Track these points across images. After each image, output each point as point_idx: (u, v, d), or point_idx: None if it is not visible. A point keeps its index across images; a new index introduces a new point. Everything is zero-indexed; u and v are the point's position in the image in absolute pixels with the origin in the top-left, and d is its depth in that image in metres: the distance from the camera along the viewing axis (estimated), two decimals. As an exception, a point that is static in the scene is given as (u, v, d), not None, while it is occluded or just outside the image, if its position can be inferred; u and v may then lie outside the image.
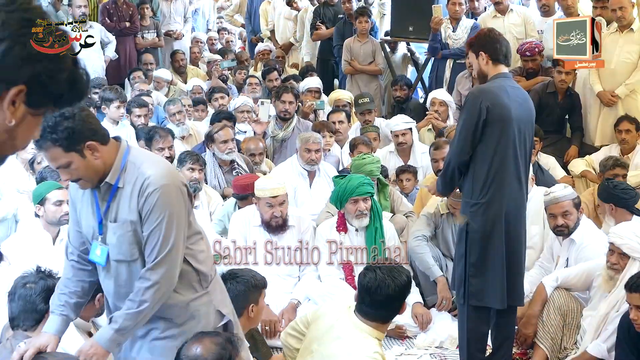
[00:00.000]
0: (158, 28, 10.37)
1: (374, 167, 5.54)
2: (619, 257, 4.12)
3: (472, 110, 3.90)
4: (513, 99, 3.96)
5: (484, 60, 3.99)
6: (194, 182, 5.50)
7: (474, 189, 3.96)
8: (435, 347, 4.82)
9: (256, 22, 11.58)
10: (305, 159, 6.03)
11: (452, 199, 5.07)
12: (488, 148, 3.90)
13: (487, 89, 3.96)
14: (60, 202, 4.68)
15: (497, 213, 3.97)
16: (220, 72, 9.54)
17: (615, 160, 5.96)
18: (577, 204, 4.77)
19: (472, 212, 3.98)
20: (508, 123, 3.91)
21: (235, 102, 7.60)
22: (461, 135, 3.93)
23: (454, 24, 8.21)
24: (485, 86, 3.99)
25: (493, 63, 4.00)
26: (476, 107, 3.87)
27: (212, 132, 6.19)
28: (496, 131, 3.88)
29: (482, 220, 3.96)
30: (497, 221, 3.97)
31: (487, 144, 3.90)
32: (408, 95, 8.55)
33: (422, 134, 7.41)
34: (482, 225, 3.96)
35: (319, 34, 9.88)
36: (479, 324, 4.16)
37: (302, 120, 7.06)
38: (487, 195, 3.93)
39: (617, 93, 6.76)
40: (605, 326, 4.10)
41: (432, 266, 5.17)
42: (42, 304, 3.29)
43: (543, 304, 4.45)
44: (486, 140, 3.89)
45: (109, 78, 8.86)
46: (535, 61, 7.52)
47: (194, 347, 2.94)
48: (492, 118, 3.85)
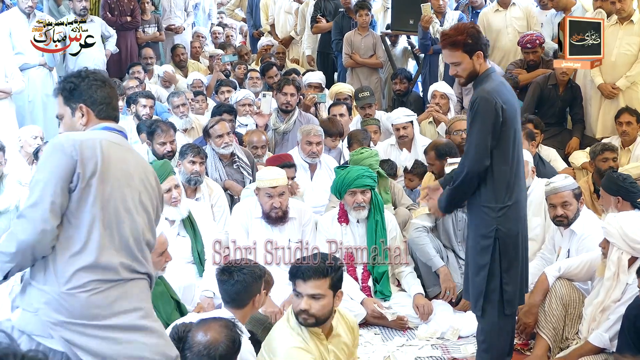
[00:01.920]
0: (159, 22, 10.37)
1: (372, 160, 5.54)
2: (606, 242, 4.15)
3: (488, 113, 3.71)
4: (511, 93, 3.92)
5: (479, 59, 3.85)
6: (194, 175, 5.51)
7: (496, 193, 3.78)
8: (437, 338, 4.82)
9: (257, 16, 11.57)
10: (307, 151, 6.04)
11: None
12: (507, 148, 3.77)
13: (495, 89, 3.78)
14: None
15: (524, 212, 3.92)
16: (222, 66, 9.53)
17: (603, 145, 6.01)
18: (577, 195, 4.77)
19: (501, 217, 3.79)
20: (516, 119, 3.85)
21: (237, 96, 7.60)
22: (480, 142, 3.73)
23: (439, 18, 8.25)
24: (490, 86, 3.79)
25: (484, 60, 3.90)
26: (492, 110, 3.70)
27: (207, 127, 6.20)
28: (510, 130, 3.77)
29: (514, 223, 3.84)
30: (524, 220, 3.92)
31: (505, 144, 3.76)
32: (408, 88, 8.57)
33: (423, 127, 7.41)
34: (513, 227, 3.83)
35: (319, 27, 9.88)
36: (511, 331, 4.11)
37: (304, 113, 7.06)
38: (513, 196, 3.81)
39: (618, 85, 6.77)
40: (607, 315, 4.11)
41: (434, 257, 5.18)
42: None
43: (545, 293, 4.45)
44: (504, 141, 3.76)
45: (109, 72, 8.83)
46: (536, 53, 7.53)
47: (202, 333, 2.95)
48: (506, 117, 3.74)
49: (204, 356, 2.94)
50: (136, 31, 10.01)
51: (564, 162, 6.58)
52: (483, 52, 3.85)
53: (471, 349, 4.66)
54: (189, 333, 3.03)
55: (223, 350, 2.94)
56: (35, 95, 7.47)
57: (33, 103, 7.45)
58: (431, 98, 7.48)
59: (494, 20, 8.21)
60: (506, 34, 8.14)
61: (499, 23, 8.19)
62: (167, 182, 5.04)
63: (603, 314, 4.14)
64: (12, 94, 6.85)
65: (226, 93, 8.00)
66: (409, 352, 4.65)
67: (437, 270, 5.19)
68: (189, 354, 2.97)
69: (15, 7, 7.63)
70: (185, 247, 5.07)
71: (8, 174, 5.68)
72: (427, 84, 8.25)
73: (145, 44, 9.98)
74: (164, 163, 5.23)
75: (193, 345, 2.97)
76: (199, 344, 2.95)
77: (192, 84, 8.75)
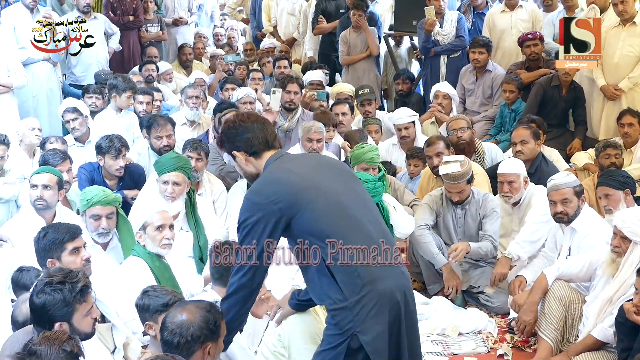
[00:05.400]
0: (161, 22, 10.39)
1: (373, 154, 5.52)
2: (621, 241, 4.11)
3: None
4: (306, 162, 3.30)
5: (242, 158, 3.18)
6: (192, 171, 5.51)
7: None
8: (437, 334, 4.81)
9: (261, 17, 11.58)
10: (307, 148, 6.04)
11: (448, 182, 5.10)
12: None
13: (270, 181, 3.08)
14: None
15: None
16: (225, 66, 9.53)
17: (605, 142, 6.02)
18: (578, 192, 4.76)
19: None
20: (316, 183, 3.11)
21: (238, 93, 7.59)
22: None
23: (439, 19, 8.25)
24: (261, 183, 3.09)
25: (255, 156, 3.17)
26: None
27: (220, 115, 6.27)
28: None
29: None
30: None
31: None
32: (411, 88, 8.59)
33: (425, 127, 7.42)
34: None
35: (321, 28, 9.87)
36: None
37: (307, 112, 7.05)
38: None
39: (621, 87, 6.76)
40: (611, 310, 4.09)
41: (437, 255, 5.16)
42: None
43: (543, 292, 4.43)
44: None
45: (112, 70, 8.86)
46: (537, 46, 7.52)
47: (178, 314, 2.96)
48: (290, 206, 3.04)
49: (175, 335, 2.94)
50: (139, 30, 10.02)
51: (565, 163, 6.57)
52: (246, 151, 3.18)
53: (471, 345, 4.67)
54: (167, 315, 3.03)
55: (195, 330, 2.92)
56: (40, 90, 7.47)
57: (37, 98, 7.45)
58: (434, 98, 7.50)
59: (500, 20, 8.22)
60: (510, 35, 8.15)
61: (504, 24, 8.20)
62: (169, 176, 5.05)
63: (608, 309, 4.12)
64: (13, 88, 6.85)
65: (230, 90, 8.00)
66: (409, 348, 4.63)
67: (440, 268, 5.18)
68: (164, 333, 2.97)
69: (19, 3, 7.64)
70: (188, 242, 5.07)
71: (11, 169, 5.68)
72: (428, 85, 8.25)
73: (149, 43, 9.99)
74: (179, 157, 5.25)
75: (168, 324, 2.98)
76: (172, 323, 2.96)
77: (194, 82, 8.74)
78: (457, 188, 5.18)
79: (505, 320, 5.00)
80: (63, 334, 2.85)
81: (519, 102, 7.39)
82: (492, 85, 7.81)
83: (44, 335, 2.80)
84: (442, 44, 8.31)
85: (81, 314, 3.11)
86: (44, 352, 2.73)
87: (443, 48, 8.31)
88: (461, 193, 5.21)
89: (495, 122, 7.60)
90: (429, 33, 8.17)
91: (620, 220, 4.11)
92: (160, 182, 5.09)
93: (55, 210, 4.87)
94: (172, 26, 10.79)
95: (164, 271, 4.26)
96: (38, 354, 2.74)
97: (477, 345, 4.68)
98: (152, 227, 4.29)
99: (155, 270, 4.21)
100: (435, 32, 8.24)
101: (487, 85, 7.84)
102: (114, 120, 6.88)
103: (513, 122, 7.23)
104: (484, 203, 5.27)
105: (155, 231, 4.28)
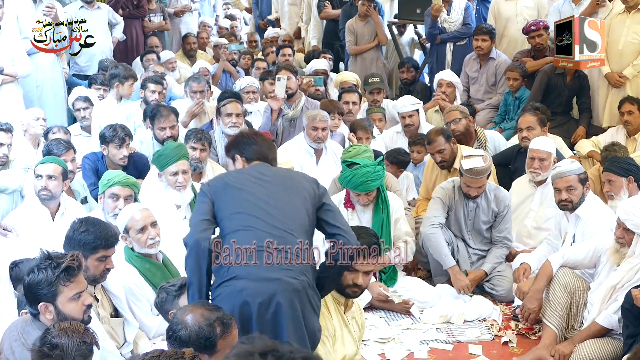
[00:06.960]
0: (164, 12, 10.38)
1: (366, 155, 5.25)
2: (624, 232, 4.11)
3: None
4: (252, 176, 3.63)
5: (241, 162, 3.69)
6: (194, 161, 5.52)
7: None
8: (442, 322, 4.82)
9: (263, 6, 11.57)
10: (312, 136, 6.02)
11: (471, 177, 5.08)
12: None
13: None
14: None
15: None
16: (229, 55, 9.51)
17: (611, 144, 5.82)
18: (582, 180, 4.76)
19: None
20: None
21: (241, 83, 7.59)
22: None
23: (447, 7, 8.23)
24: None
25: (249, 162, 3.67)
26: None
27: (219, 105, 6.24)
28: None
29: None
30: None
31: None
32: (415, 77, 8.57)
33: (429, 115, 7.40)
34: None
35: (328, 12, 9.86)
36: None
37: (311, 100, 7.03)
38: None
39: (625, 74, 6.74)
40: (615, 297, 4.09)
41: (445, 256, 5.14)
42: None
43: (548, 280, 4.43)
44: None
45: (116, 60, 8.85)
46: (542, 36, 7.48)
47: (186, 312, 2.95)
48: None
49: (168, 330, 2.95)
50: (143, 20, 10.02)
51: (569, 151, 6.56)
52: (247, 157, 3.67)
53: (476, 333, 4.67)
54: (181, 307, 3.08)
55: (184, 335, 2.87)
56: (44, 80, 7.45)
57: (41, 87, 7.43)
58: (437, 87, 7.48)
59: (505, 8, 8.17)
60: (515, 22, 8.10)
61: (509, 11, 8.16)
62: (176, 166, 5.05)
63: (612, 296, 4.12)
64: (17, 77, 6.84)
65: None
66: (414, 336, 4.65)
67: (446, 269, 5.16)
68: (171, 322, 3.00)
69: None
70: (192, 232, 5.05)
71: (15, 159, 5.68)
72: (434, 73, 8.22)
73: (151, 33, 9.98)
74: (179, 145, 5.24)
75: (174, 316, 2.99)
76: (176, 316, 2.97)
77: (198, 71, 8.72)
78: (478, 183, 5.12)
79: (510, 308, 5.00)
80: (79, 325, 2.86)
81: (523, 90, 7.37)
82: (496, 73, 7.79)
83: (61, 327, 2.80)
84: (449, 32, 8.29)
85: (66, 296, 3.06)
86: (65, 344, 2.74)
87: (449, 35, 8.29)
88: (480, 188, 5.16)
89: (499, 110, 7.58)
90: (436, 19, 8.14)
91: (623, 212, 4.09)
92: (167, 175, 5.07)
93: (60, 200, 4.87)
94: (174, 16, 10.77)
95: (156, 271, 4.21)
96: (60, 347, 2.74)
97: (482, 333, 4.69)
98: (134, 231, 4.19)
99: (146, 274, 4.17)
100: (442, 19, 8.21)
101: (490, 73, 7.82)
102: (114, 109, 6.88)
103: (517, 110, 7.21)
104: (496, 198, 5.24)
105: (139, 234, 4.19)
